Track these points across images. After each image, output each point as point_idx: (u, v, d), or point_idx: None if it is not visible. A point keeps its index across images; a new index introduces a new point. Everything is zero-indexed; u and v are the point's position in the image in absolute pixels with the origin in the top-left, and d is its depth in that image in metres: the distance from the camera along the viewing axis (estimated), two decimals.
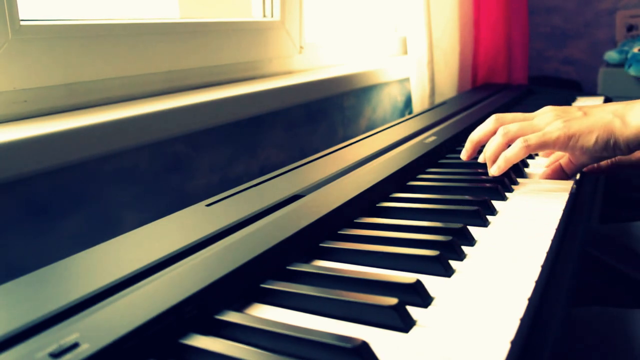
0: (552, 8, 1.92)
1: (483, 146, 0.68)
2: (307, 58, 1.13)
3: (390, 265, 0.44)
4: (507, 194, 0.61)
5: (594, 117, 0.59)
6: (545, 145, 0.60)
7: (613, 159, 0.70)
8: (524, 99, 1.34)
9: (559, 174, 0.68)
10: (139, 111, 0.67)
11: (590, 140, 0.58)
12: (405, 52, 1.50)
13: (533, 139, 0.60)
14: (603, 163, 0.70)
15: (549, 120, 0.61)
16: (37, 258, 0.59)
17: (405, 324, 0.34)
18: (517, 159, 0.61)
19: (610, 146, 0.58)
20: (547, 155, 0.74)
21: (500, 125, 0.65)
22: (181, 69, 0.84)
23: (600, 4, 1.85)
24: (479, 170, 0.70)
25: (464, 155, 0.69)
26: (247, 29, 0.96)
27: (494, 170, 0.63)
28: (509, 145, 0.62)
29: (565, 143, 0.59)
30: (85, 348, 0.29)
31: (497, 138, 0.63)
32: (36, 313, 0.32)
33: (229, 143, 0.84)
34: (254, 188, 0.58)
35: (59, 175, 0.61)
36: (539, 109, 0.66)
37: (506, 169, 0.62)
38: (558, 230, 0.50)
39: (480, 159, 0.67)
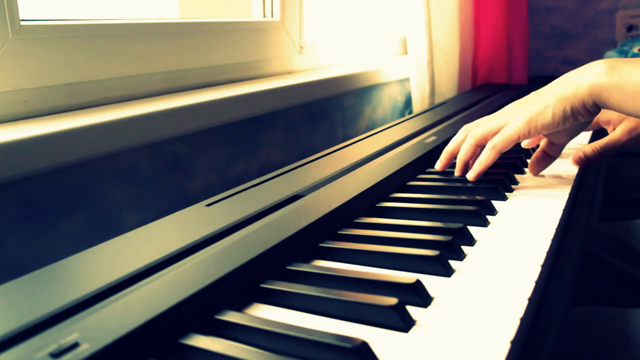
0: (552, 8, 1.92)
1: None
2: (307, 58, 1.13)
3: (390, 265, 0.44)
4: (507, 193, 0.61)
5: (545, 93, 0.59)
6: (511, 140, 0.60)
7: (598, 146, 0.70)
8: None
9: (543, 161, 0.68)
10: (139, 111, 0.67)
11: (547, 115, 0.58)
12: (405, 52, 1.50)
13: (498, 139, 0.61)
14: (588, 151, 0.70)
15: (509, 113, 0.62)
16: (37, 258, 0.59)
17: (405, 324, 0.34)
18: (489, 162, 0.61)
19: (568, 113, 0.57)
20: (535, 143, 0.75)
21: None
22: (181, 69, 0.84)
23: (600, 4, 1.85)
24: None
25: (438, 165, 0.69)
26: (247, 29, 0.96)
27: (470, 175, 0.63)
28: (481, 148, 0.63)
29: (527, 129, 0.59)
30: (85, 348, 0.29)
31: (466, 143, 0.64)
32: (36, 313, 0.32)
33: (229, 143, 0.84)
34: (254, 188, 0.58)
35: (59, 175, 0.61)
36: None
37: (481, 172, 0.62)
38: (558, 229, 0.50)
39: (442, 160, 0.68)
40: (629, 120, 0.71)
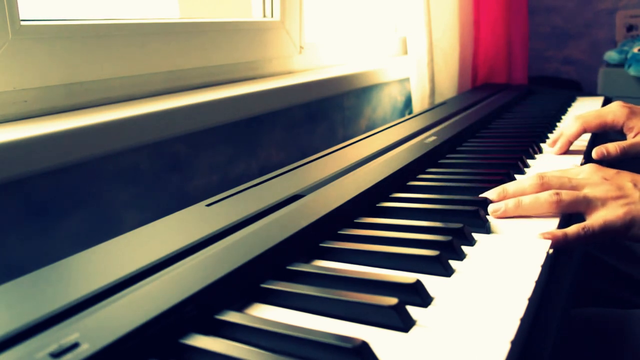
0: (552, 8, 1.92)
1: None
2: (307, 58, 1.13)
3: (390, 265, 0.44)
4: None
5: None
6: (606, 235, 0.52)
7: (622, 145, 0.70)
8: (524, 99, 1.34)
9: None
10: (139, 111, 0.67)
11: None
12: (405, 52, 1.50)
13: (596, 228, 0.51)
14: (611, 148, 0.70)
15: (603, 198, 0.53)
16: (37, 258, 0.59)
17: (405, 324, 0.34)
18: (576, 242, 0.50)
19: None
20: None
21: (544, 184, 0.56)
22: (181, 69, 0.84)
23: (600, 4, 1.85)
24: (479, 171, 0.70)
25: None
26: (247, 29, 0.96)
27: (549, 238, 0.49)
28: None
29: (625, 232, 0.52)
30: (85, 348, 0.29)
31: (546, 199, 0.54)
32: (36, 313, 0.32)
33: (229, 143, 0.84)
34: (254, 188, 0.58)
35: (59, 175, 0.61)
36: (581, 169, 0.59)
37: (563, 245, 0.50)
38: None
39: (492, 197, 0.57)
40: None
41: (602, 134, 0.84)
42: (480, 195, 0.58)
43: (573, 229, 0.51)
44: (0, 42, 0.60)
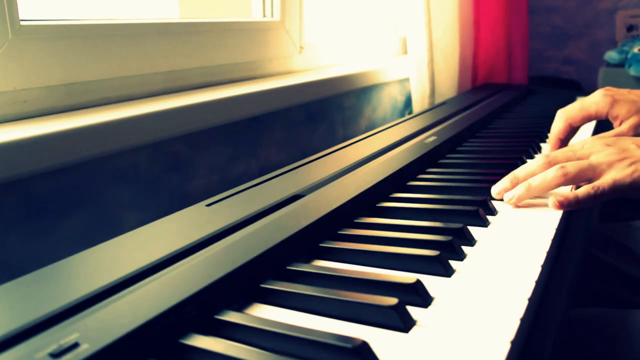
0: (552, 8, 1.92)
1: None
2: (307, 58, 1.13)
3: (390, 265, 0.44)
4: None
5: None
6: (617, 194, 0.54)
7: (606, 136, 0.69)
8: (524, 99, 1.34)
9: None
10: (139, 111, 0.67)
11: None
12: (405, 52, 1.50)
13: (606, 188, 0.53)
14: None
15: (608, 161, 0.55)
16: (37, 258, 0.59)
17: (405, 324, 0.34)
18: (587, 206, 0.54)
19: None
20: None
21: (553, 163, 0.58)
22: (181, 69, 0.84)
23: (600, 4, 1.85)
24: (479, 171, 0.70)
25: (497, 189, 0.59)
26: (247, 29, 0.96)
27: (559, 205, 0.54)
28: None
29: (637, 189, 0.54)
30: (85, 348, 0.29)
31: (553, 174, 0.56)
32: (36, 313, 0.32)
33: (229, 143, 0.84)
34: (254, 188, 0.58)
35: (59, 175, 0.61)
36: (582, 139, 0.60)
37: (575, 208, 0.54)
38: (558, 230, 0.50)
39: (504, 185, 0.59)
40: (636, 117, 0.72)
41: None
42: (493, 187, 0.60)
43: (583, 190, 0.54)
44: (0, 42, 0.60)
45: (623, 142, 0.58)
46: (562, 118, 0.77)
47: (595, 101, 0.74)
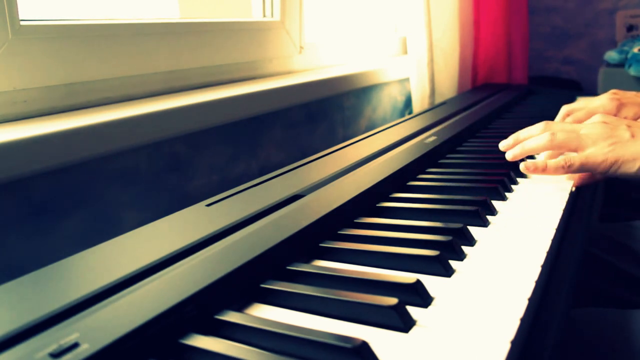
0: (552, 8, 1.92)
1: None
2: (307, 58, 1.13)
3: (390, 265, 0.44)
4: (507, 194, 0.61)
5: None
6: (587, 169, 0.59)
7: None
8: (524, 99, 1.34)
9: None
10: (139, 111, 0.67)
11: (632, 167, 0.57)
12: (405, 52, 1.50)
13: (576, 162, 0.59)
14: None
15: (595, 138, 0.59)
16: (37, 258, 0.59)
17: (405, 324, 0.34)
18: (554, 174, 0.62)
19: None
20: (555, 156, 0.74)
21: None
22: (181, 69, 0.84)
23: (600, 4, 1.85)
24: (479, 171, 0.70)
25: (503, 145, 0.70)
26: (247, 29, 0.96)
27: (522, 167, 0.64)
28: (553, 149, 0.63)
29: (607, 169, 0.58)
30: (85, 348, 0.29)
31: (543, 138, 0.62)
32: (36, 313, 0.32)
33: (229, 143, 0.84)
34: (254, 188, 0.58)
35: (59, 175, 0.61)
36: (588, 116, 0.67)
37: (541, 174, 0.63)
38: (558, 230, 0.50)
39: (508, 142, 0.69)
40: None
41: None
42: (501, 143, 0.70)
43: (554, 161, 0.61)
44: (0, 42, 0.60)
45: (619, 123, 0.61)
46: (564, 114, 0.78)
47: (602, 104, 0.75)
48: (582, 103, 0.78)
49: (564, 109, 0.79)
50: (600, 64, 1.70)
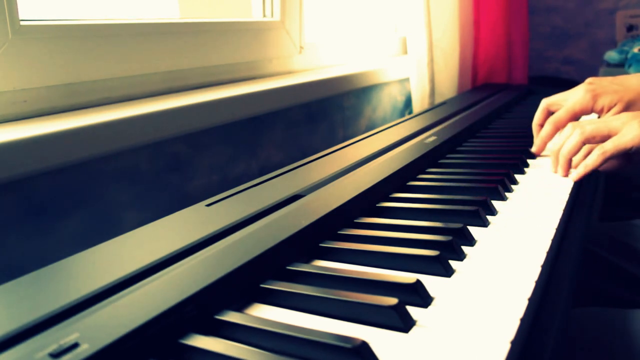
0: (552, 8, 1.92)
1: None
2: (307, 58, 1.13)
3: (390, 265, 0.44)
4: (507, 194, 0.61)
5: None
6: (623, 150, 0.61)
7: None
8: (524, 99, 1.34)
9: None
10: (139, 111, 0.67)
11: None
12: (405, 52, 1.50)
13: (609, 146, 0.61)
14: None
15: (623, 121, 0.62)
16: (37, 258, 0.59)
17: (405, 324, 0.34)
18: (595, 166, 0.63)
19: None
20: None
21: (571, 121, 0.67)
22: (181, 69, 0.84)
23: (600, 4, 1.85)
24: (479, 171, 0.70)
25: (535, 149, 0.74)
26: (247, 29, 0.96)
27: (574, 176, 0.65)
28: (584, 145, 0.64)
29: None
30: (85, 348, 0.29)
31: (573, 139, 0.64)
32: (36, 313, 0.32)
33: (229, 143, 0.84)
34: (254, 188, 0.58)
35: (59, 175, 0.61)
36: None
37: (585, 175, 0.64)
38: (558, 230, 0.50)
39: (549, 153, 0.71)
40: (620, 105, 0.73)
41: None
42: (551, 169, 0.70)
43: (589, 158, 0.63)
44: (0, 42, 0.60)
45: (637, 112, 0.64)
46: (550, 123, 0.78)
47: (579, 100, 0.76)
48: (561, 96, 0.79)
49: (544, 102, 0.80)
50: (600, 64, 1.70)
